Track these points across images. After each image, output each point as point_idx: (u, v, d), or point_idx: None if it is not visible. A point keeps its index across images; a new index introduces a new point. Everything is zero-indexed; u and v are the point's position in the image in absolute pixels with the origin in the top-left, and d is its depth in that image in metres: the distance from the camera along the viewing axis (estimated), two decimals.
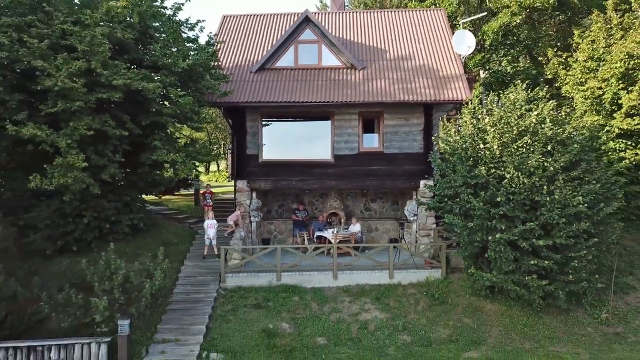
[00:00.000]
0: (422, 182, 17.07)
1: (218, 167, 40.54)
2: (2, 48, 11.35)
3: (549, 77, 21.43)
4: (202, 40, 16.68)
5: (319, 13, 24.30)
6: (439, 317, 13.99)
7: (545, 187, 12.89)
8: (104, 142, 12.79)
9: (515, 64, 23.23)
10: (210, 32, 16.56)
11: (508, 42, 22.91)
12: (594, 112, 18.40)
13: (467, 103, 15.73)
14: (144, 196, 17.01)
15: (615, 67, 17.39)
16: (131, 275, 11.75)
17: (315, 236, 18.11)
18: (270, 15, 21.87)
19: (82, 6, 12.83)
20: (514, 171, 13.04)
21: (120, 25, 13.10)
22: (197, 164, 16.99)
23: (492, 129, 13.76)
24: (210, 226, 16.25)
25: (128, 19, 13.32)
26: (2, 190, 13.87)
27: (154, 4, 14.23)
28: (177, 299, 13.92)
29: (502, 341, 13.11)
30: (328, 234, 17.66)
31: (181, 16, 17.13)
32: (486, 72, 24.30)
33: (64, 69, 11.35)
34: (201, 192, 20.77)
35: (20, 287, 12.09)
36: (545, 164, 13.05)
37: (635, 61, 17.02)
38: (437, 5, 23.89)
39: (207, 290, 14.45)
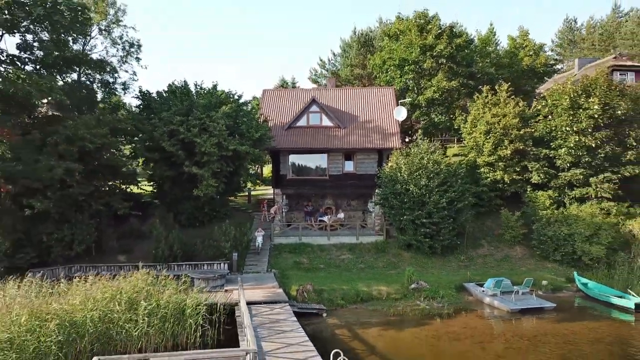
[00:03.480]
0: (376, 190, 30.53)
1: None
2: (180, 133, 24.82)
3: (456, 127, 35.03)
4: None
5: (320, 89, 37.75)
6: (379, 258, 27.55)
7: (427, 195, 26.44)
8: (220, 173, 26.22)
9: (440, 117, 36.82)
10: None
11: (435, 104, 36.45)
12: (474, 151, 31.96)
13: (399, 149, 29.28)
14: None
15: (482, 128, 30.98)
16: (237, 234, 25.32)
17: (318, 220, 31.63)
18: (292, 89, 35.44)
19: (210, 109, 26.23)
20: (413, 187, 26.58)
21: (225, 115, 26.53)
22: (258, 181, 30.59)
23: (405, 166, 27.29)
24: (259, 235, 28.12)
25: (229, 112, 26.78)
26: (167, 196, 27.34)
27: (240, 101, 27.83)
28: (252, 248, 27.46)
29: (411, 268, 26.55)
30: (326, 218, 31.21)
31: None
32: (423, 121, 37.95)
33: (207, 142, 24.81)
34: (262, 201, 33.64)
35: (185, 238, 25.51)
36: (428, 183, 26.58)
37: (490, 125, 30.54)
38: (394, 78, 37.36)
39: (267, 245, 28.01)
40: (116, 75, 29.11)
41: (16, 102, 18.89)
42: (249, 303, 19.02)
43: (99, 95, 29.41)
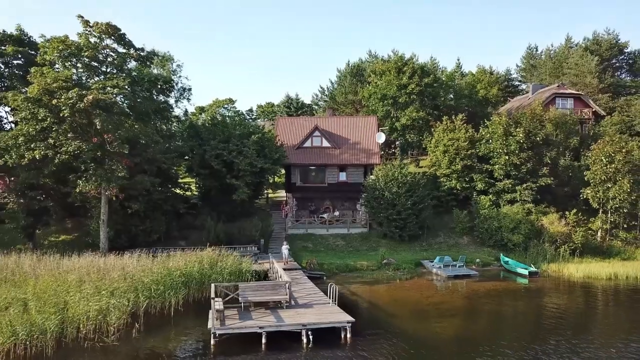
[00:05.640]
0: (362, 195, 40.78)
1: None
2: (223, 157, 35.01)
3: (424, 146, 45.34)
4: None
5: (320, 118, 48.06)
6: (364, 244, 37.86)
7: (397, 198, 36.73)
8: (251, 183, 36.39)
9: (413, 138, 47.11)
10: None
11: (409, 128, 46.75)
12: (436, 166, 42.29)
13: (379, 164, 39.57)
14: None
15: (441, 148, 41.31)
16: (263, 226, 35.59)
17: (319, 216, 41.90)
18: (300, 117, 45.69)
19: (243, 137, 36.40)
20: (387, 193, 36.88)
21: (254, 142, 36.71)
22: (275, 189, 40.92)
23: (382, 178, 37.56)
24: (285, 249, 38.03)
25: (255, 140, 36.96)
26: (212, 199, 37.54)
27: (264, 131, 38.06)
28: (274, 236, 37.70)
29: (384, 249, 36.82)
30: (325, 215, 41.51)
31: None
32: (400, 141, 48.28)
33: (242, 162, 35.02)
34: (282, 203, 44.09)
35: (226, 228, 35.70)
36: (398, 190, 36.88)
37: (447, 147, 40.82)
38: (377, 108, 47.63)
39: (282, 234, 38.27)
40: (172, 111, 39.24)
41: (130, 142, 28.89)
42: None
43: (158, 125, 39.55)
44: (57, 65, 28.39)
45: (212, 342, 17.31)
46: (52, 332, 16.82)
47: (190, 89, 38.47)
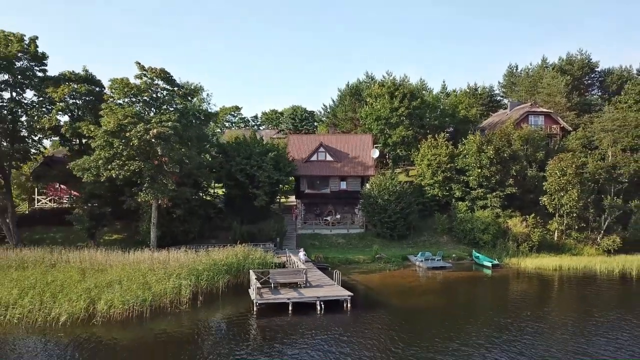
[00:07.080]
0: (360, 201, 48.27)
1: None
2: (247, 170, 42.46)
3: (413, 160, 52.84)
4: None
5: (324, 135, 55.58)
6: (361, 242, 45.36)
7: (388, 204, 44.24)
8: (268, 192, 43.86)
9: (403, 152, 54.58)
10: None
11: (399, 143, 54.24)
12: (421, 177, 49.84)
13: (373, 175, 47.08)
14: None
15: (426, 162, 48.87)
16: (278, 227, 43.12)
17: (323, 219, 49.39)
18: (308, 135, 53.15)
19: (262, 154, 43.82)
20: (380, 200, 44.39)
21: (271, 158, 44.17)
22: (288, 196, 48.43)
23: (376, 187, 45.10)
24: (301, 254, 45.55)
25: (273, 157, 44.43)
26: (237, 206, 44.97)
27: (278, 148, 45.53)
28: (287, 235, 45.18)
29: (377, 246, 44.34)
30: (328, 218, 49.02)
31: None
32: (392, 154, 55.78)
33: (262, 175, 42.47)
34: (292, 207, 51.66)
35: (249, 229, 43.21)
36: (389, 198, 44.41)
37: (430, 161, 48.36)
38: (371, 128, 55.13)
39: (294, 234, 45.77)
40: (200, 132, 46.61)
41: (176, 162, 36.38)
42: None
43: None
44: (119, 100, 35.84)
45: (254, 309, 24.78)
46: (148, 301, 24.31)
47: (217, 113, 45.76)
